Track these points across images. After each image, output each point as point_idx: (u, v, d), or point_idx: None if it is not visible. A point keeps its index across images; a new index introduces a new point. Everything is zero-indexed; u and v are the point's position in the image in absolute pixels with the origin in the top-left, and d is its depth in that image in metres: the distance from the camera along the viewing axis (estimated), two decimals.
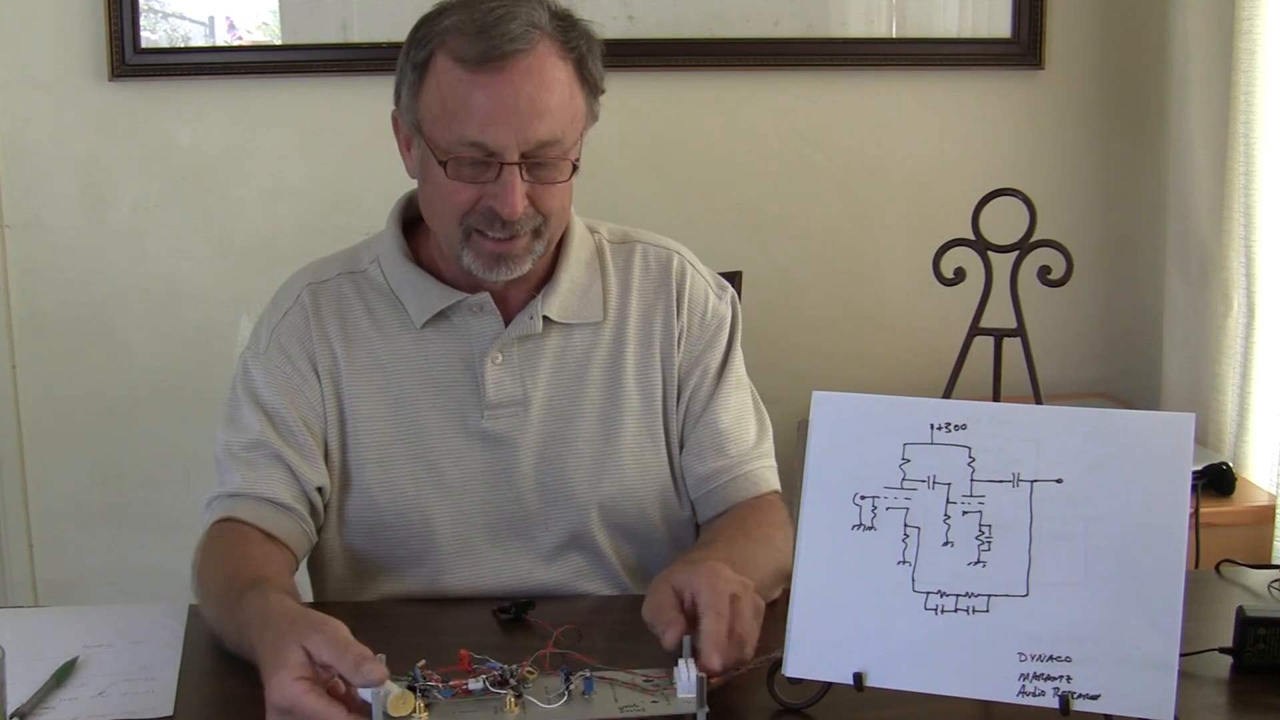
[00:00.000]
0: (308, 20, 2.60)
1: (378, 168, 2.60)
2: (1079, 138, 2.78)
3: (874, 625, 1.14)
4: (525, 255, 1.42)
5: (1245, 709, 1.23)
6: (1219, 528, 2.08)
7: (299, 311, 1.51)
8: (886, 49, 2.71)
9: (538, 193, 1.39)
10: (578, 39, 1.40)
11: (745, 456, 1.54)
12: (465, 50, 1.35)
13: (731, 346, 1.58)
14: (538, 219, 1.41)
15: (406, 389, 1.49)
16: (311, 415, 1.48)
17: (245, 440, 1.46)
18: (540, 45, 1.36)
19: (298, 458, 1.46)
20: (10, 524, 2.70)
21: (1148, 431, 1.11)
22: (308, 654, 1.07)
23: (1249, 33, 2.27)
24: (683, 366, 1.55)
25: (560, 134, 1.38)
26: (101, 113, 2.60)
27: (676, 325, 1.54)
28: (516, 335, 1.49)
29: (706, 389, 1.55)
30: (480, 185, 1.38)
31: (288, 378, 1.48)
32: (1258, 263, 2.31)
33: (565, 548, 1.53)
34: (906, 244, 2.75)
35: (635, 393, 1.53)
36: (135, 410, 2.69)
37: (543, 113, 1.36)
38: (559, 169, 1.40)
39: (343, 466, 1.50)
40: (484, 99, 1.35)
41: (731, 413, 1.55)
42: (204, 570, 1.38)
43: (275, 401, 1.47)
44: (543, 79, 1.36)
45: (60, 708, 1.22)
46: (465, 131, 1.36)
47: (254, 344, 1.52)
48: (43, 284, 2.65)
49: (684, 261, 1.58)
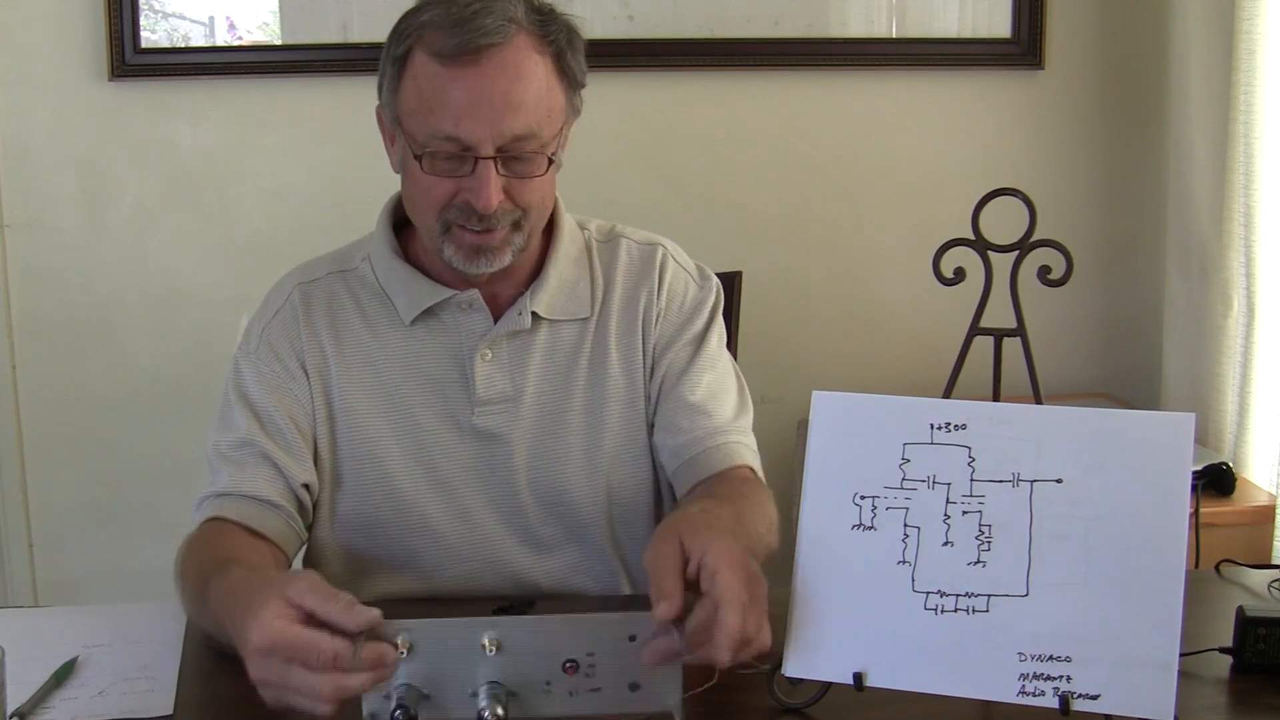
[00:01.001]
0: (308, 20, 2.60)
1: (378, 168, 2.59)
2: (1079, 138, 2.78)
3: (874, 625, 1.14)
4: (505, 247, 1.42)
5: (1245, 709, 1.23)
6: (1219, 528, 2.08)
7: (289, 311, 1.51)
8: (886, 49, 2.71)
9: (514, 186, 1.39)
10: (556, 33, 1.40)
11: (721, 429, 1.51)
12: (441, 44, 1.35)
13: (710, 327, 1.56)
14: (516, 212, 1.41)
15: (398, 386, 1.49)
16: (300, 414, 1.48)
17: (233, 439, 1.47)
18: (516, 39, 1.36)
19: (284, 455, 1.46)
20: (10, 524, 2.70)
21: (1148, 431, 1.11)
22: (288, 601, 1.04)
23: (1249, 33, 2.27)
24: (657, 347, 1.54)
25: (536, 128, 1.37)
26: (101, 113, 2.60)
27: (655, 309, 1.54)
28: (505, 331, 1.49)
29: (679, 365, 1.53)
30: (457, 179, 1.38)
31: (277, 376, 1.49)
32: (1258, 263, 2.31)
33: (561, 541, 1.53)
34: (906, 244, 2.75)
35: (620, 382, 1.53)
36: (135, 410, 2.69)
37: (517, 106, 1.36)
38: (535, 163, 1.40)
39: (334, 465, 1.50)
40: (458, 93, 1.35)
41: (703, 388, 1.52)
42: (184, 570, 1.37)
43: (264, 400, 1.48)
44: (518, 72, 1.36)
45: (60, 707, 1.22)
46: (440, 125, 1.36)
47: (245, 343, 1.52)
48: (43, 284, 2.65)
49: (666, 253, 1.57)
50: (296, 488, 1.46)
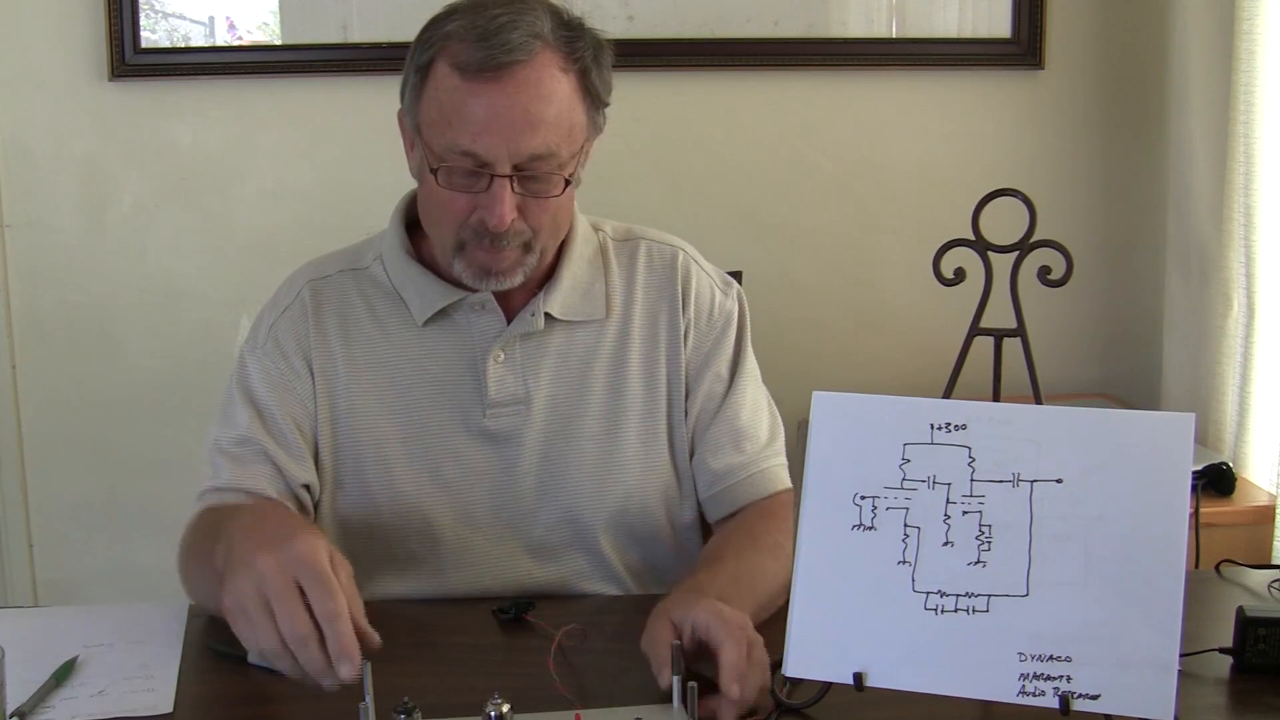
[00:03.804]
0: (308, 20, 2.60)
1: (378, 168, 2.62)
2: (1079, 138, 2.78)
3: (874, 625, 1.14)
4: (515, 269, 1.42)
5: (1245, 709, 1.23)
6: (1219, 528, 2.08)
7: (298, 308, 1.51)
8: (886, 49, 2.71)
9: (528, 206, 1.38)
10: (583, 49, 1.39)
11: (760, 454, 1.54)
12: (464, 57, 1.34)
13: (742, 342, 1.57)
14: (527, 233, 1.40)
15: (408, 387, 1.49)
16: (301, 413, 1.48)
17: (234, 436, 1.46)
18: (541, 56, 1.35)
19: (284, 455, 1.46)
20: (10, 524, 2.70)
21: (1148, 431, 1.11)
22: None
23: (1249, 33, 2.27)
24: (691, 365, 1.54)
25: (554, 147, 1.36)
26: (101, 113, 2.60)
27: (682, 322, 1.53)
28: (518, 333, 1.49)
29: (721, 386, 1.54)
30: (472, 195, 1.38)
31: (281, 374, 1.48)
32: (1258, 263, 2.31)
33: (567, 547, 1.52)
34: (906, 244, 2.75)
35: (640, 391, 1.52)
36: (135, 410, 2.68)
37: (536, 125, 1.35)
38: (551, 183, 1.39)
39: (335, 465, 1.49)
40: (478, 108, 1.34)
41: (748, 408, 1.55)
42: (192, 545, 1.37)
43: (267, 397, 1.47)
44: (539, 91, 1.35)
45: (60, 706, 1.22)
46: (458, 140, 1.35)
47: (252, 338, 1.52)
48: (43, 284, 2.65)
49: (688, 258, 1.57)
50: (296, 488, 1.46)
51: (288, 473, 1.45)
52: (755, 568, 1.36)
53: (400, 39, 2.53)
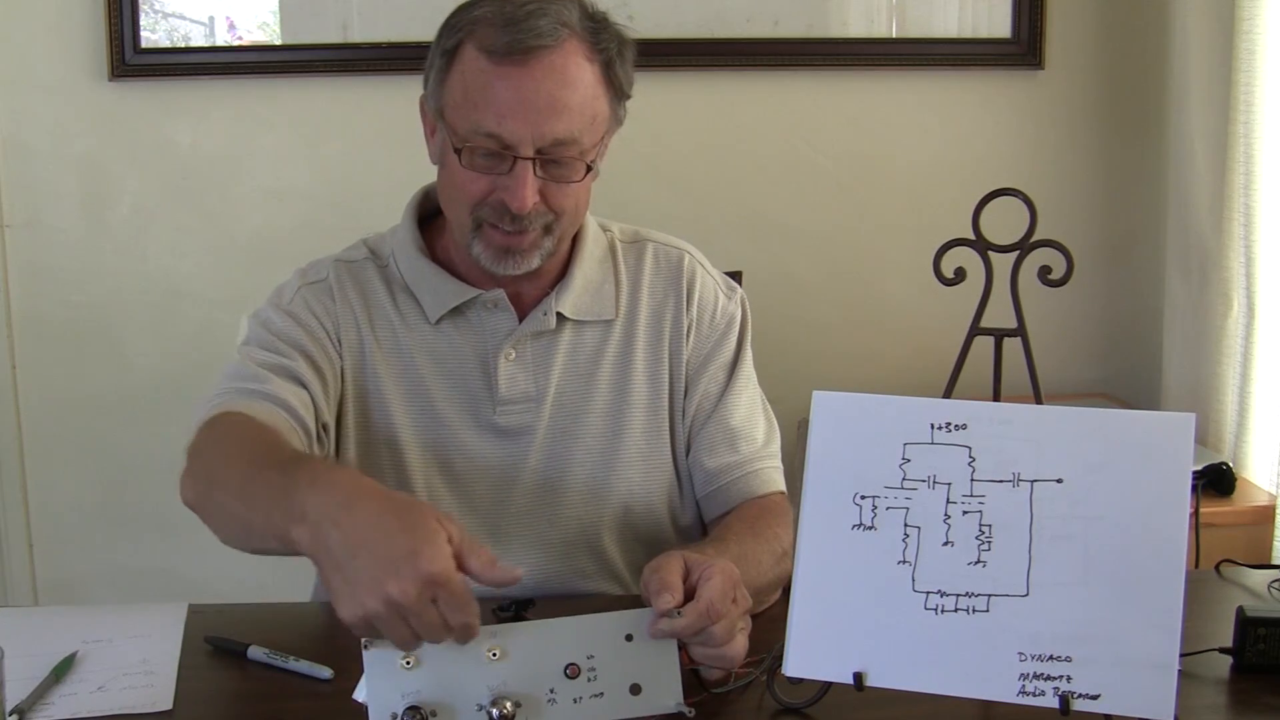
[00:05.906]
0: (308, 20, 2.60)
1: (378, 168, 2.62)
2: (1079, 138, 2.78)
3: (874, 625, 1.14)
4: (534, 250, 1.43)
5: (1245, 709, 1.23)
6: (1219, 528, 2.09)
7: (326, 287, 1.50)
8: (886, 49, 2.71)
9: (550, 190, 1.40)
10: (608, 41, 1.42)
11: (755, 455, 1.54)
12: (492, 41, 1.36)
13: (742, 346, 1.58)
14: (549, 216, 1.41)
15: (422, 380, 1.50)
16: (328, 368, 1.45)
17: (262, 359, 1.41)
18: (567, 43, 1.37)
19: (318, 385, 1.42)
20: (10, 524, 2.70)
21: (1148, 431, 1.11)
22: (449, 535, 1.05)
23: (1249, 33, 2.27)
24: (691, 364, 1.55)
25: (577, 133, 1.38)
26: (101, 113, 2.60)
27: (685, 321, 1.55)
28: (530, 331, 1.49)
29: (717, 387, 1.55)
30: (494, 177, 1.39)
31: (311, 331, 1.47)
32: (1258, 263, 2.31)
33: (571, 545, 1.53)
34: (907, 244, 2.75)
35: (644, 389, 1.53)
36: (135, 410, 2.68)
37: (561, 110, 1.36)
38: (573, 169, 1.40)
39: (348, 442, 1.48)
40: (504, 91, 1.36)
41: (743, 410, 1.55)
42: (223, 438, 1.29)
43: (298, 337, 1.44)
44: (565, 77, 1.37)
45: (59, 703, 1.22)
46: (483, 121, 1.36)
47: (276, 298, 1.49)
48: (43, 284, 2.65)
49: (694, 261, 1.59)
50: (319, 424, 1.42)
51: (319, 403, 1.42)
52: (753, 556, 1.36)
53: (400, 39, 2.57)
